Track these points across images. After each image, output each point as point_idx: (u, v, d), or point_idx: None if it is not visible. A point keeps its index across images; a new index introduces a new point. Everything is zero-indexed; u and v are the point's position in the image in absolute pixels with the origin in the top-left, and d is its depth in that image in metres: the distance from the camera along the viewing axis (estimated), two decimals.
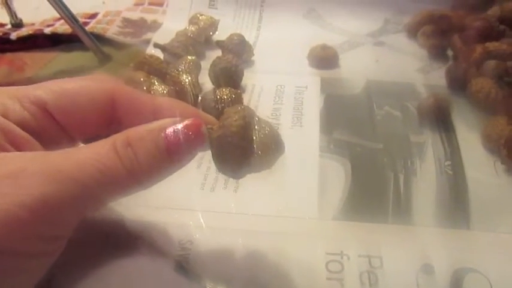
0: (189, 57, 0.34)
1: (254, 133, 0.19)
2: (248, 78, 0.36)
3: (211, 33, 0.42)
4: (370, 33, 0.43)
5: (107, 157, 0.17)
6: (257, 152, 0.19)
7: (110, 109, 0.20)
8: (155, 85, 0.32)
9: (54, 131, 0.20)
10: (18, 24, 0.44)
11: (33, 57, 0.40)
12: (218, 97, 0.30)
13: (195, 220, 0.24)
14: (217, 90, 0.31)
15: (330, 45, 0.39)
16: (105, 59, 0.40)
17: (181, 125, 0.18)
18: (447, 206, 0.25)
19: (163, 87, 0.32)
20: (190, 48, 0.38)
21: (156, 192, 0.23)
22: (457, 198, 0.26)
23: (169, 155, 0.18)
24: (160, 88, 0.32)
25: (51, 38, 0.42)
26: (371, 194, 0.26)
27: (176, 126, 0.18)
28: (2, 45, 0.42)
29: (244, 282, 0.21)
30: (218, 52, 0.38)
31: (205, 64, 0.35)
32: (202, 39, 0.40)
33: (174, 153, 0.18)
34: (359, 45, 0.41)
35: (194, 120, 0.18)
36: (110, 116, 0.20)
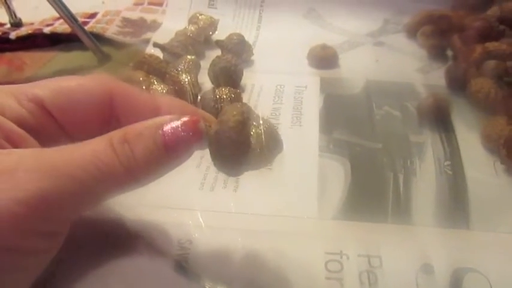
0: (189, 56, 0.34)
1: (252, 130, 0.19)
2: (248, 78, 0.36)
3: (210, 32, 0.42)
4: (369, 33, 0.43)
5: (104, 154, 0.17)
6: (255, 149, 0.19)
7: (108, 107, 0.20)
8: (155, 84, 0.32)
9: (51, 129, 0.20)
10: (17, 23, 0.44)
11: (32, 57, 0.40)
12: (217, 97, 0.30)
13: (195, 219, 0.24)
14: (217, 90, 0.31)
15: (329, 45, 0.39)
16: (104, 58, 0.40)
17: (179, 121, 0.18)
18: (447, 205, 0.25)
19: (162, 87, 0.32)
20: (190, 47, 0.38)
21: (155, 191, 0.23)
22: (456, 198, 0.26)
23: (167, 152, 0.18)
24: (160, 87, 0.32)
25: (51, 37, 0.42)
26: (370, 193, 0.26)
27: (174, 122, 0.18)
28: (1, 45, 0.41)
29: (244, 281, 0.21)
30: (218, 52, 0.38)
31: (204, 64, 0.35)
32: (202, 39, 0.40)
33: (172, 150, 0.18)
34: (359, 45, 0.41)
35: (192, 116, 0.18)
36: (108, 114, 0.20)
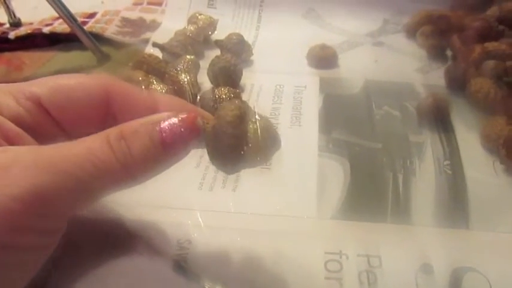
0: (188, 56, 0.34)
1: (249, 126, 0.19)
2: (247, 78, 0.36)
3: (210, 32, 0.42)
4: (369, 33, 0.43)
5: (101, 150, 0.17)
6: (252, 145, 0.19)
7: (106, 105, 0.20)
8: (154, 84, 0.32)
9: (49, 127, 0.20)
10: (16, 23, 0.44)
11: (31, 57, 0.40)
12: (217, 96, 0.30)
13: (194, 219, 0.24)
14: (216, 90, 0.31)
15: (329, 45, 0.39)
16: (103, 58, 0.40)
17: (176, 118, 0.18)
18: (446, 205, 0.25)
19: (162, 87, 0.32)
20: (189, 47, 0.38)
21: (154, 191, 0.23)
22: (456, 198, 0.26)
23: (164, 148, 0.18)
24: (159, 87, 0.32)
25: (50, 37, 0.42)
26: (370, 193, 0.26)
27: (171, 119, 0.18)
28: (1, 45, 0.41)
29: (243, 281, 0.21)
30: (217, 51, 0.38)
31: (204, 63, 0.35)
32: (201, 39, 0.40)
33: (169, 147, 0.18)
34: (358, 45, 0.41)
35: (189, 113, 0.18)
36: (106, 112, 0.20)
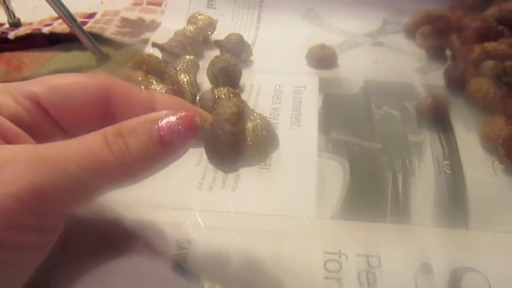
0: (188, 56, 0.34)
1: (247, 124, 0.19)
2: (246, 78, 0.36)
3: (209, 32, 0.42)
4: (368, 33, 0.43)
5: (98, 148, 0.17)
6: (250, 143, 0.19)
7: (104, 104, 0.20)
8: (153, 84, 0.32)
9: (48, 126, 0.20)
10: (16, 23, 0.44)
11: (31, 57, 0.40)
12: (216, 96, 0.30)
13: (193, 219, 0.24)
14: (216, 90, 0.31)
15: (328, 45, 0.39)
16: (103, 58, 0.40)
17: (174, 116, 0.18)
18: (445, 205, 0.25)
19: (161, 87, 0.32)
20: (189, 47, 0.38)
21: (154, 191, 0.23)
22: (455, 198, 0.26)
23: (162, 147, 0.18)
24: (159, 87, 0.32)
25: (49, 37, 0.42)
26: (369, 193, 0.26)
27: (169, 117, 0.18)
28: (0, 45, 0.41)
29: (242, 281, 0.21)
30: (216, 52, 0.38)
31: (203, 64, 0.35)
32: (201, 39, 0.40)
33: (167, 145, 0.18)
34: (357, 45, 0.41)
35: (188, 112, 0.18)
36: (105, 111, 0.20)
